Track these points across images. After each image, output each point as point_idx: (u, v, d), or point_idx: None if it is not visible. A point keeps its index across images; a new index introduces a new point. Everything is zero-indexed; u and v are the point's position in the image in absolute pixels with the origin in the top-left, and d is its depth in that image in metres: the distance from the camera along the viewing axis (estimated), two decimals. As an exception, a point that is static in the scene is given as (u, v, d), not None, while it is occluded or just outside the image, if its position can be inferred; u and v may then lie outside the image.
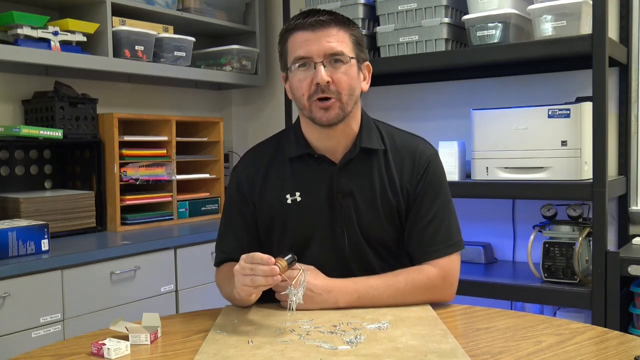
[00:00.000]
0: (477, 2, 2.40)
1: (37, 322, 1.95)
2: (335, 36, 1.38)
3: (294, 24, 1.41)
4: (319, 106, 1.39)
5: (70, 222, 2.39)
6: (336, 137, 1.46)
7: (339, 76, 1.38)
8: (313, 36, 1.38)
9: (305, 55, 1.38)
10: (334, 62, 1.38)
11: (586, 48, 2.10)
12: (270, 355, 1.11)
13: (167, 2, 2.82)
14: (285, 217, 1.48)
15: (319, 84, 1.37)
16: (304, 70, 1.39)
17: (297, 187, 1.48)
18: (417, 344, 1.15)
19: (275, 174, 1.50)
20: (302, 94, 1.40)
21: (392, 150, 1.50)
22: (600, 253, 2.09)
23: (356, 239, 1.46)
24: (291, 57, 1.41)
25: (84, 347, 1.20)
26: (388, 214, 1.47)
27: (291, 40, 1.41)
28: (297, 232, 1.48)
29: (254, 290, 1.26)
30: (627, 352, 1.13)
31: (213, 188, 3.02)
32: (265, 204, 1.50)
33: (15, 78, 2.53)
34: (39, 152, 2.57)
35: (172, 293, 2.40)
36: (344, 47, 1.39)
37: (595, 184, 2.09)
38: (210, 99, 3.45)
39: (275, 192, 1.49)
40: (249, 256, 1.24)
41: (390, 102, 2.96)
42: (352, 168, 1.47)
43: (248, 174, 1.53)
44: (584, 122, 2.19)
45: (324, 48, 1.37)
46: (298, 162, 1.49)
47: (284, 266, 1.24)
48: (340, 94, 1.39)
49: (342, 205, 1.45)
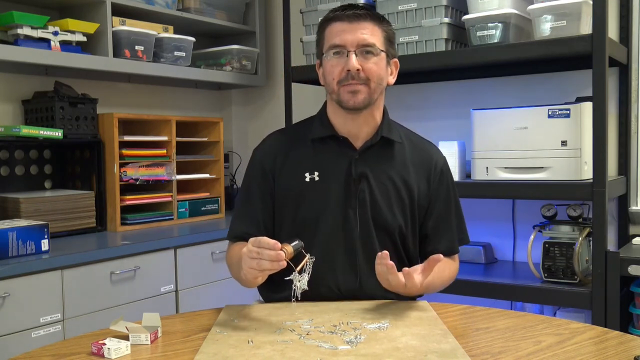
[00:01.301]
0: (477, 2, 2.40)
1: (37, 322, 1.95)
2: (369, 29, 1.49)
3: (333, 15, 1.52)
4: (347, 90, 1.49)
5: (70, 222, 2.39)
6: (359, 122, 1.55)
7: (369, 65, 1.48)
8: (349, 27, 1.48)
9: (340, 43, 1.48)
10: (365, 52, 1.48)
11: (586, 48, 2.10)
12: (270, 355, 1.11)
13: (167, 2, 2.82)
14: (302, 193, 1.55)
15: (350, 70, 1.47)
16: (337, 57, 1.49)
17: (317, 167, 1.56)
18: (417, 344, 1.15)
19: (296, 153, 1.58)
20: (332, 78, 1.50)
21: (409, 147, 1.61)
22: (600, 253, 2.09)
23: (366, 222, 1.53)
24: (327, 45, 1.52)
25: (84, 347, 1.20)
26: (399, 204, 1.55)
27: (329, 30, 1.52)
28: (310, 209, 1.54)
29: (259, 273, 1.29)
30: (627, 352, 1.14)
31: (213, 188, 3.02)
32: (284, 179, 1.57)
33: (15, 78, 2.53)
34: (39, 152, 2.57)
35: (172, 293, 2.40)
36: (376, 40, 1.50)
37: (595, 184, 2.09)
38: (210, 99, 3.45)
39: (294, 169, 1.57)
40: (256, 240, 1.28)
41: (390, 102, 2.93)
42: (372, 155, 1.56)
43: (270, 150, 1.61)
44: (584, 122, 2.19)
45: (357, 39, 1.48)
46: (320, 143, 1.58)
47: (289, 252, 1.28)
48: (368, 81, 1.49)
49: (357, 188, 1.53)
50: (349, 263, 1.52)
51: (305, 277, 1.33)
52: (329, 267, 1.51)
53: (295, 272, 1.32)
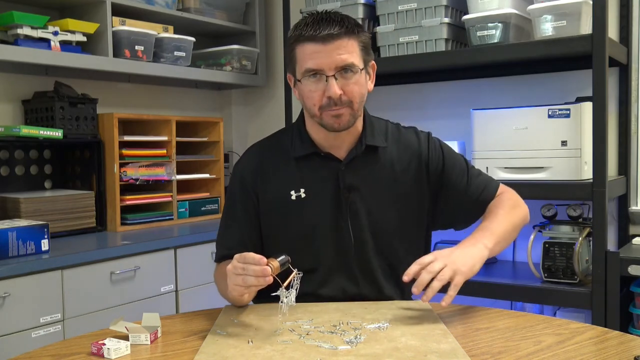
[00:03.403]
0: (477, 2, 2.40)
1: (37, 322, 1.95)
2: (345, 47, 1.39)
3: (305, 35, 1.39)
4: (331, 114, 1.41)
5: (70, 222, 2.39)
6: (342, 136, 1.49)
7: (350, 87, 1.40)
8: (324, 49, 1.38)
9: (317, 68, 1.39)
10: (344, 72, 1.39)
11: (586, 48, 2.10)
12: (270, 355, 1.11)
13: (167, 2, 2.82)
14: (288, 212, 1.50)
15: (331, 97, 1.39)
16: (315, 81, 1.40)
17: (302, 184, 1.50)
18: (417, 344, 1.15)
19: (279, 171, 1.52)
20: (313, 104, 1.42)
21: (393, 145, 1.54)
22: (600, 253, 2.09)
23: (360, 233, 1.49)
24: (301, 68, 1.42)
25: (84, 347, 1.20)
26: (399, 204, 1.51)
27: (301, 50, 1.41)
28: (298, 228, 1.50)
29: (245, 290, 1.25)
30: (627, 352, 1.13)
31: (213, 188, 3.02)
32: (268, 199, 1.52)
33: (15, 78, 2.53)
34: (39, 152, 2.57)
35: (172, 293, 2.40)
36: (354, 57, 1.40)
37: (595, 184, 2.09)
38: (210, 99, 3.45)
39: (279, 187, 1.51)
40: (241, 256, 1.24)
41: (390, 102, 2.95)
42: (358, 164, 1.50)
43: (251, 168, 1.55)
44: (584, 122, 2.19)
45: (335, 61, 1.38)
46: (303, 160, 1.51)
47: (276, 267, 1.23)
48: (352, 103, 1.41)
49: (347, 200, 1.48)
50: (347, 277, 1.49)
51: (293, 292, 1.27)
52: (323, 282, 1.49)
53: (282, 287, 1.26)
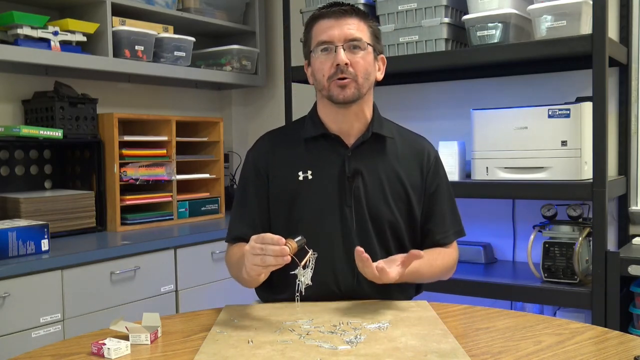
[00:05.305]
0: (477, 2, 2.40)
1: (37, 322, 1.95)
2: (355, 24, 1.52)
3: (319, 12, 1.55)
4: (337, 84, 1.50)
5: (70, 222, 2.39)
6: (350, 119, 1.57)
7: (357, 60, 1.51)
8: (335, 23, 1.51)
9: (328, 39, 1.51)
10: (352, 47, 1.51)
11: (586, 48, 2.10)
12: (270, 355, 1.11)
13: (167, 2, 2.82)
14: (295, 193, 1.56)
15: (339, 64, 1.49)
16: (326, 54, 1.52)
17: (310, 166, 1.57)
18: (417, 344, 1.15)
19: (289, 152, 1.60)
20: (322, 75, 1.52)
21: (400, 141, 1.62)
22: (600, 253, 2.09)
23: (363, 218, 1.54)
24: (314, 42, 1.54)
25: (84, 347, 1.20)
26: (394, 198, 1.57)
27: (316, 28, 1.55)
28: (305, 208, 1.55)
29: (263, 270, 1.30)
30: (627, 352, 1.14)
31: (213, 188, 3.01)
32: (278, 179, 1.58)
33: (15, 78, 2.53)
34: (39, 152, 2.57)
35: (172, 293, 2.40)
36: (363, 34, 1.52)
37: (595, 184, 2.09)
38: (210, 99, 3.45)
39: (287, 168, 1.58)
40: (259, 236, 1.29)
41: (390, 102, 2.95)
42: (364, 151, 1.57)
43: (263, 150, 1.63)
44: (584, 122, 2.18)
45: (344, 33, 1.50)
46: (312, 142, 1.59)
47: (293, 247, 1.29)
48: (357, 76, 1.51)
49: (352, 186, 1.54)
50: (347, 261, 1.52)
51: (308, 272, 1.34)
52: (326, 265, 1.51)
53: (300, 266, 1.33)
